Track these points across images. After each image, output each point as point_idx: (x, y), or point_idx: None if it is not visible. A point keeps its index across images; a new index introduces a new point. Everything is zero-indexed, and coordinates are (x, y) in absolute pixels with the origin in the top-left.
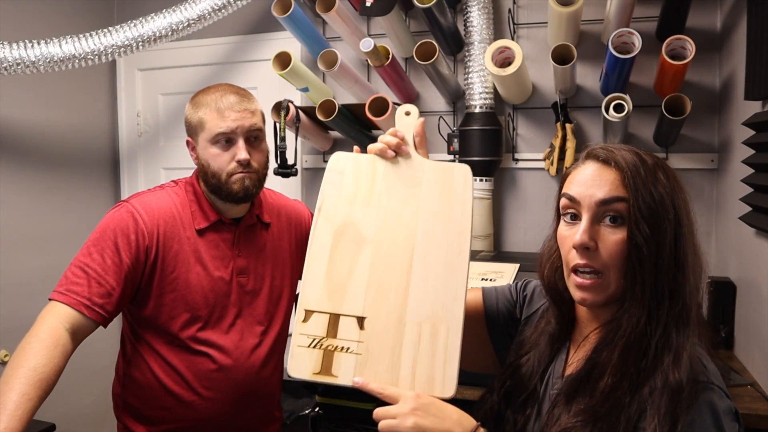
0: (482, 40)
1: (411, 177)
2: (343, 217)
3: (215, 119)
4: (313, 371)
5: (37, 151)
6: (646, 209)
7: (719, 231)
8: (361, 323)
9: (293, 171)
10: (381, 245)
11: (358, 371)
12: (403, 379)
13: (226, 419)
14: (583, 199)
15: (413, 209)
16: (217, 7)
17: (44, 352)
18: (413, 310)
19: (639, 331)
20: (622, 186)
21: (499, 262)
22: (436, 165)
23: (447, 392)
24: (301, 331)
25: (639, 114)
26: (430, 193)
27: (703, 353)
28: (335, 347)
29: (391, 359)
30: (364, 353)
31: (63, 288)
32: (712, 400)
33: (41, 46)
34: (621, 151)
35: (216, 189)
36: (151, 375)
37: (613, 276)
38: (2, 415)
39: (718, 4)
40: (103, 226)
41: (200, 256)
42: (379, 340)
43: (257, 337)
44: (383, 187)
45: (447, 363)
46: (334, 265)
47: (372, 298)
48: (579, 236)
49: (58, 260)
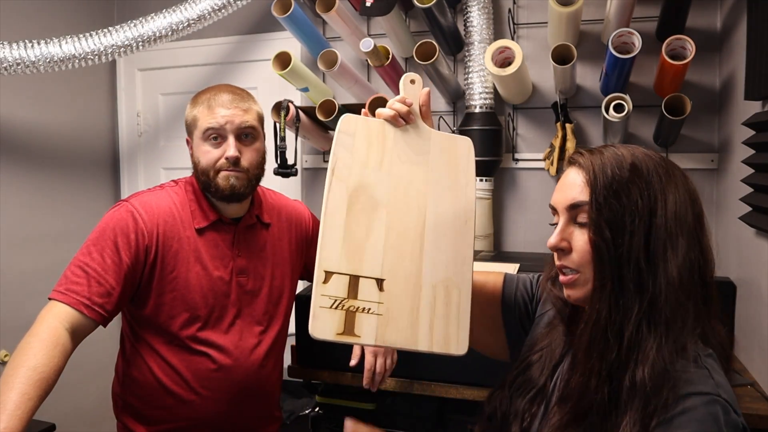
0: (482, 40)
1: (420, 145)
2: (357, 180)
3: (206, 115)
4: (337, 331)
5: (37, 151)
6: (607, 210)
7: (719, 231)
8: (381, 285)
9: (293, 171)
10: (395, 210)
11: (380, 331)
12: (422, 339)
13: (225, 419)
14: (557, 205)
15: (423, 177)
16: (217, 7)
17: (44, 352)
18: (428, 274)
19: (600, 326)
20: (586, 188)
21: (499, 262)
22: (442, 135)
23: (461, 350)
24: (322, 293)
25: (639, 114)
26: (437, 162)
27: (715, 366)
28: (357, 308)
29: (410, 320)
30: (385, 314)
31: (63, 287)
32: (717, 413)
33: (41, 46)
34: (598, 153)
35: (206, 186)
36: (150, 374)
37: (588, 274)
38: (2, 415)
39: (718, 4)
40: (103, 225)
41: (200, 256)
42: (398, 301)
43: (256, 337)
44: (394, 154)
45: (460, 323)
46: (350, 227)
47: (389, 260)
48: (551, 239)
49: (58, 260)
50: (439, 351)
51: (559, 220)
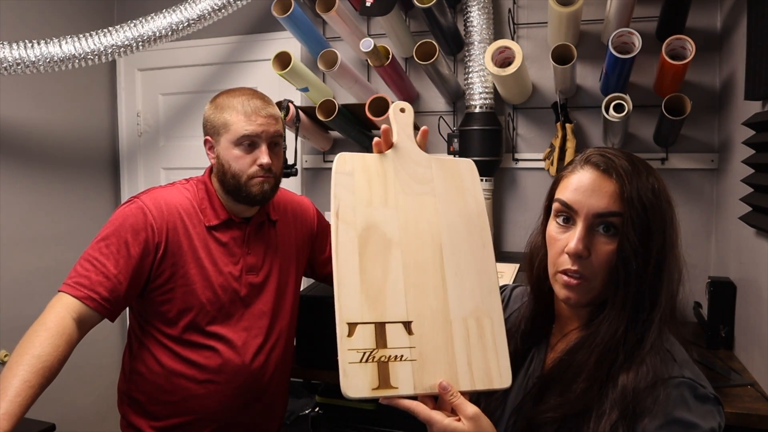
0: (482, 40)
1: (421, 174)
2: (364, 220)
3: (242, 121)
4: (372, 387)
5: (37, 151)
6: (639, 223)
7: (719, 231)
8: (409, 328)
9: (293, 171)
10: (409, 245)
11: (417, 378)
12: (462, 377)
13: (230, 414)
14: (580, 209)
15: (432, 206)
16: (217, 7)
17: (49, 341)
18: (455, 307)
19: (617, 340)
20: (619, 200)
21: (499, 262)
22: (442, 160)
23: (505, 382)
24: (349, 347)
25: (639, 114)
26: (444, 189)
27: (674, 342)
28: (389, 357)
29: (446, 359)
30: (419, 358)
31: (72, 281)
32: (684, 394)
33: (41, 46)
34: (619, 160)
35: (234, 190)
36: (156, 369)
37: (599, 282)
38: (2, 401)
39: (718, 4)
40: (114, 221)
41: (210, 253)
42: (430, 342)
43: (264, 332)
44: (397, 186)
45: (499, 354)
46: (366, 272)
47: (413, 300)
48: (574, 245)
49: (58, 260)
50: (483, 387)
51: (578, 223)
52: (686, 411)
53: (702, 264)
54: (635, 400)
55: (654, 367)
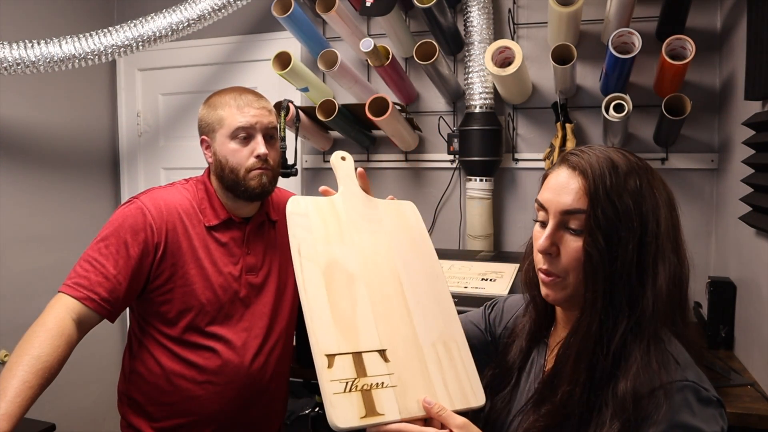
0: (482, 40)
1: (370, 215)
2: (325, 257)
3: (235, 114)
4: (360, 415)
5: (37, 151)
6: (605, 221)
7: (719, 231)
8: (384, 356)
9: (293, 171)
10: (371, 279)
11: (401, 403)
12: (442, 399)
13: (230, 415)
14: (550, 207)
15: (385, 243)
16: (217, 7)
17: (49, 342)
18: (423, 334)
19: (590, 340)
20: (584, 196)
21: (499, 262)
22: (386, 203)
23: (479, 401)
24: (330, 378)
25: (639, 114)
26: (393, 227)
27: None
28: (371, 385)
29: (424, 383)
30: (399, 384)
31: (71, 281)
32: (687, 397)
33: (41, 46)
34: (593, 156)
35: (233, 185)
36: (156, 370)
37: (572, 279)
38: (2, 402)
39: (718, 4)
40: (113, 221)
41: (209, 253)
42: (407, 368)
43: (264, 332)
44: (351, 226)
45: (469, 375)
46: (335, 305)
47: (383, 329)
48: (541, 242)
49: (58, 260)
50: (461, 407)
51: (547, 220)
52: (690, 415)
53: (702, 264)
54: (636, 408)
55: (653, 371)
